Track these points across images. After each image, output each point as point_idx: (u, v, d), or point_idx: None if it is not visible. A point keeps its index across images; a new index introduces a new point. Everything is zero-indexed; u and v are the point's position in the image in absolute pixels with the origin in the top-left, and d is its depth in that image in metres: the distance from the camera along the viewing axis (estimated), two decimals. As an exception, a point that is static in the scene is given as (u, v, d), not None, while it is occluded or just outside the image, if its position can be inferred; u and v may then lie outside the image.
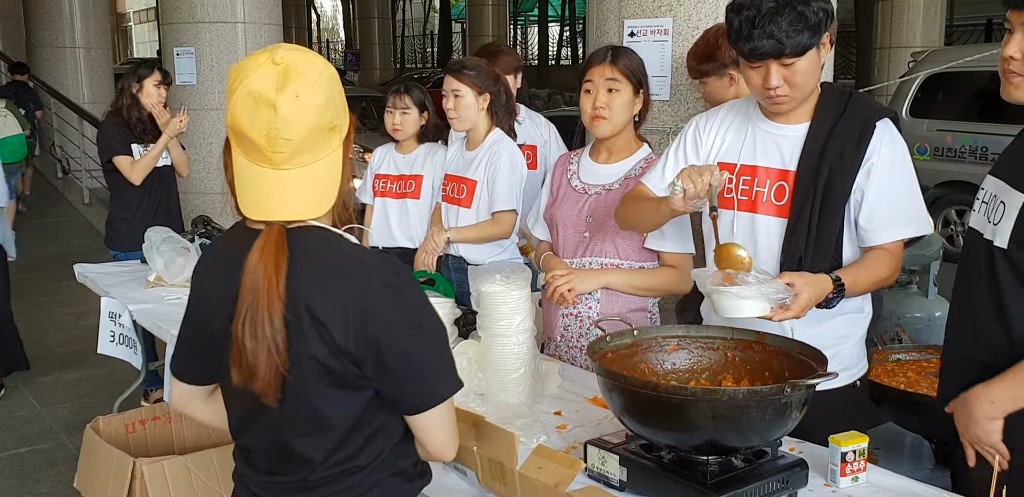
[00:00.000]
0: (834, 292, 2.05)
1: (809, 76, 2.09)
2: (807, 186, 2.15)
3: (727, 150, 2.30)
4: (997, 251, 1.84)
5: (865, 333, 2.33)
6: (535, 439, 2.06)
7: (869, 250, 2.17)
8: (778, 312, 1.96)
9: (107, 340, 3.71)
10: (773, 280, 1.97)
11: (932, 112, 8.35)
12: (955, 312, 2.02)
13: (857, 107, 2.18)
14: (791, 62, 2.05)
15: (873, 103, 2.27)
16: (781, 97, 2.12)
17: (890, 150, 2.15)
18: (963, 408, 1.89)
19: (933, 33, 13.06)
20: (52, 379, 5.20)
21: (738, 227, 2.27)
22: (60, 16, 10.78)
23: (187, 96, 6.81)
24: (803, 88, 2.11)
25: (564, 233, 2.74)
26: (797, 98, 2.13)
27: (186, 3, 6.99)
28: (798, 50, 2.02)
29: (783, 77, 2.08)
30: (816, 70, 2.10)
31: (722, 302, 1.98)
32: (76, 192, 9.94)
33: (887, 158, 2.14)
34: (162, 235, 3.77)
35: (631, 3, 3.47)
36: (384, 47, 26.40)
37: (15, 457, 4.17)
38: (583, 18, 26.45)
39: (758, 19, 2.01)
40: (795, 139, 2.20)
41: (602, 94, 2.59)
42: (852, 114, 2.16)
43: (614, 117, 2.60)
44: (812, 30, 2.01)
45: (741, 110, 2.32)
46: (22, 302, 6.70)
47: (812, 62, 2.07)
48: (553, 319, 2.79)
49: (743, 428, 1.71)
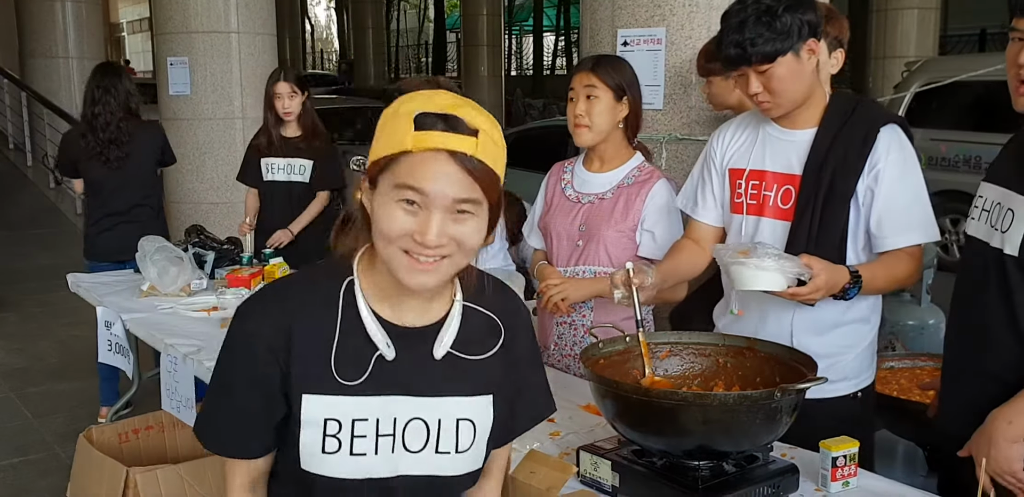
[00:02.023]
0: (851, 282, 2.07)
1: (788, 83, 2.12)
2: (810, 190, 2.18)
3: (738, 156, 2.35)
4: (1008, 259, 1.81)
5: (871, 344, 2.33)
6: (528, 445, 2.06)
7: (884, 254, 2.19)
8: (793, 289, 1.98)
9: (106, 349, 3.70)
10: (794, 258, 2.00)
11: (926, 122, 8.38)
12: (957, 322, 2.00)
13: (864, 112, 2.20)
14: (765, 69, 2.10)
15: (882, 109, 2.30)
16: (764, 103, 2.18)
17: (899, 156, 2.16)
18: (980, 435, 1.81)
19: (927, 43, 13.13)
20: (45, 389, 5.19)
21: (745, 231, 2.31)
22: (53, 26, 10.78)
23: (180, 106, 6.82)
24: (784, 94, 2.14)
25: (558, 242, 2.75)
26: (781, 104, 2.17)
27: (179, 13, 7.00)
28: (763, 58, 2.08)
29: (761, 84, 2.13)
30: (797, 77, 2.13)
31: (741, 273, 2.00)
32: (69, 203, 9.92)
33: (896, 164, 2.15)
34: (155, 244, 3.77)
35: (624, 13, 3.49)
36: (378, 57, 26.46)
37: (8, 468, 4.15)
38: (578, 28, 26.62)
39: (729, 30, 2.10)
40: (803, 144, 2.23)
41: (582, 102, 2.61)
42: (858, 119, 2.18)
43: (595, 124, 2.62)
44: (781, 38, 2.06)
45: (755, 116, 2.36)
46: (15, 313, 6.70)
47: (789, 69, 2.11)
48: (547, 327, 2.80)
49: (734, 433, 1.71)
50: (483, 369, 1.40)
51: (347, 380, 1.32)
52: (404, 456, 1.35)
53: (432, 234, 1.24)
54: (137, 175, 4.72)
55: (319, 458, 1.33)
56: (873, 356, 2.36)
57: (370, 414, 1.33)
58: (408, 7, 36.02)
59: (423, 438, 1.35)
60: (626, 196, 2.66)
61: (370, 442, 1.33)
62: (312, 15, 36.30)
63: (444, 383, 1.37)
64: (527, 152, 7.05)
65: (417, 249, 1.25)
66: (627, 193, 2.66)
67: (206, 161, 6.69)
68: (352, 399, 1.32)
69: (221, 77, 7.05)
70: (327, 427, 1.32)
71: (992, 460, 1.76)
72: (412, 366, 1.35)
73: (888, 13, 13.12)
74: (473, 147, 1.24)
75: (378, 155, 1.27)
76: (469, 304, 1.40)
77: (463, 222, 1.26)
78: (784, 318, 2.26)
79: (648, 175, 2.69)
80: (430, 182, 1.23)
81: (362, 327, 1.33)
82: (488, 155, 1.26)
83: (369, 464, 1.33)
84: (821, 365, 1.88)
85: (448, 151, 1.23)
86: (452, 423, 1.37)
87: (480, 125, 1.25)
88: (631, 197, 2.65)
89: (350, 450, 1.32)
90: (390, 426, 1.34)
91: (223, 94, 7.09)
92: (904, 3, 13.03)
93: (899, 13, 13.01)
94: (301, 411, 1.32)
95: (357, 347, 1.33)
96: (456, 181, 1.24)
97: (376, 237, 1.29)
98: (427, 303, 1.37)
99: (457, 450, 1.37)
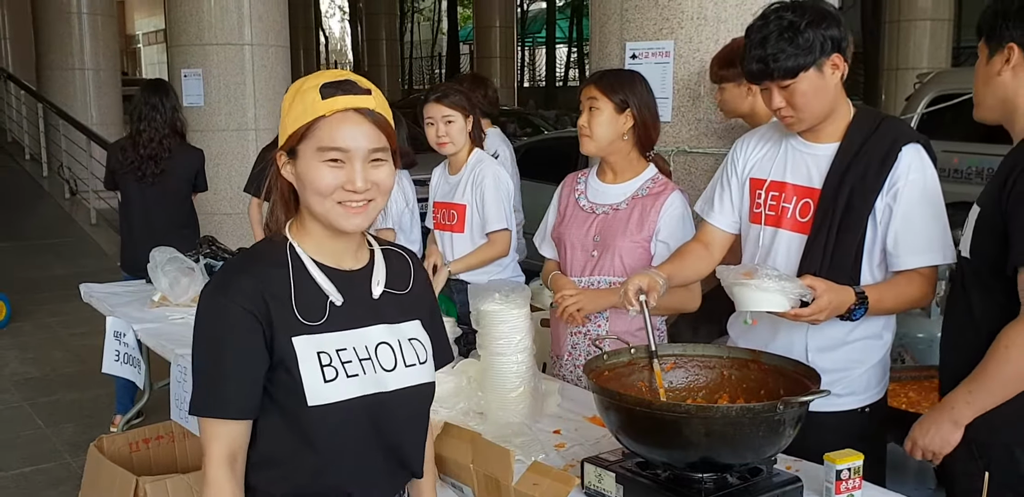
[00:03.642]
0: (856, 303, 2.08)
1: (811, 98, 2.13)
2: (828, 204, 2.19)
3: (760, 166, 2.36)
4: (963, 260, 2.02)
5: (882, 361, 2.33)
6: (533, 457, 2.07)
7: (898, 274, 2.20)
8: (796, 310, 2.00)
9: (112, 359, 3.73)
10: (795, 279, 2.01)
11: (939, 133, 8.36)
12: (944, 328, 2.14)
13: (887, 129, 2.20)
14: (787, 84, 2.11)
15: (906, 127, 2.29)
16: (787, 118, 2.19)
17: (920, 176, 2.16)
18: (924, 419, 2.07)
19: (940, 55, 13.11)
20: (57, 399, 5.22)
21: (762, 241, 2.32)
22: (70, 38, 10.87)
23: (194, 117, 6.86)
24: (806, 109, 2.15)
25: (572, 252, 2.77)
26: (804, 119, 2.18)
27: (194, 25, 7.06)
28: (785, 73, 2.09)
29: (784, 98, 2.14)
30: (820, 92, 2.14)
31: (743, 294, 2.01)
32: (84, 213, 9.98)
33: (916, 184, 2.16)
34: (167, 255, 3.80)
35: (632, 26, 3.51)
36: (392, 68, 26.53)
37: (20, 476, 4.17)
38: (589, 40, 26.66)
39: (751, 45, 2.11)
40: (824, 158, 2.23)
41: (585, 114, 2.66)
42: (881, 136, 2.18)
43: (595, 135, 2.65)
44: (804, 53, 2.07)
45: (779, 128, 2.36)
46: (28, 322, 6.74)
47: (812, 84, 2.11)
48: (561, 337, 2.81)
49: (737, 445, 1.72)
50: (408, 299, 1.67)
51: (312, 321, 1.53)
52: (384, 375, 1.57)
53: (359, 181, 1.49)
54: (170, 193, 4.77)
55: (324, 388, 1.51)
56: (884, 372, 2.35)
57: (347, 344, 1.55)
58: (422, 19, 36.13)
59: (392, 357, 1.59)
60: (641, 207, 2.67)
61: (356, 366, 1.55)
62: (326, 27, 36.45)
63: (387, 314, 1.62)
64: (539, 163, 7.05)
65: (348, 197, 1.50)
66: (642, 204, 2.67)
67: (219, 172, 6.73)
68: (327, 335, 1.54)
69: (235, 89, 7.10)
70: (321, 359, 1.52)
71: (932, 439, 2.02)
72: (359, 305, 1.60)
73: (901, 24, 13.11)
74: (372, 103, 1.51)
75: (296, 126, 1.50)
76: (384, 246, 1.68)
77: (378, 168, 1.52)
78: (797, 331, 2.26)
79: (663, 186, 2.70)
80: (348, 140, 1.49)
81: (312, 278, 1.56)
82: (383, 109, 1.53)
83: (363, 383, 1.54)
84: (829, 379, 1.89)
85: (355, 109, 1.49)
86: (407, 342, 1.63)
87: (370, 86, 1.53)
88: (646, 208, 2.67)
89: (346, 374, 1.53)
90: (365, 351, 1.57)
91: (236, 105, 7.15)
92: (917, 15, 13.03)
93: (911, 24, 13.00)
94: (296, 352, 1.51)
95: (311, 293, 1.55)
96: (367, 134, 1.50)
97: (309, 197, 1.52)
98: (357, 248, 1.63)
99: (420, 362, 1.63)
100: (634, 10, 3.49)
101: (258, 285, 1.51)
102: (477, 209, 3.42)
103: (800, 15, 2.08)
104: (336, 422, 1.52)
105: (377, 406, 1.56)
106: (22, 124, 11.97)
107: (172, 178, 4.73)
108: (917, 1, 13.00)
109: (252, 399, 1.52)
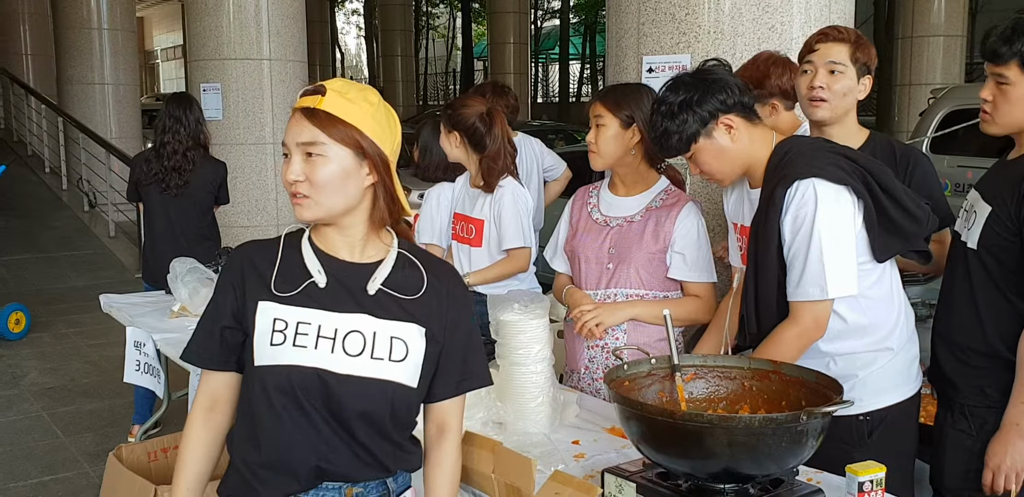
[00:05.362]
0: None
1: (713, 161, 2.29)
2: (751, 241, 2.30)
3: (734, 210, 2.51)
4: (970, 251, 2.24)
5: (885, 370, 2.31)
6: (552, 467, 2.07)
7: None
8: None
9: (133, 369, 3.75)
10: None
11: (952, 148, 8.36)
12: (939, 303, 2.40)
13: (782, 167, 2.22)
14: (688, 155, 2.30)
15: (808, 161, 2.20)
16: (710, 180, 2.38)
17: (800, 212, 2.14)
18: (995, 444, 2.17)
19: (953, 70, 13.11)
20: (75, 409, 5.25)
21: (739, 279, 2.46)
22: (90, 54, 11.00)
23: (212, 131, 6.91)
24: (715, 171, 2.31)
25: (586, 266, 2.77)
26: (720, 179, 2.35)
27: (213, 40, 7.13)
28: (678, 150, 2.30)
29: (694, 165, 2.34)
30: (720, 154, 2.27)
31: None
32: (102, 225, 10.05)
33: (791, 221, 2.16)
34: (187, 266, 3.82)
35: (649, 40, 3.53)
36: (407, 84, 26.67)
37: (39, 486, 4.19)
38: (603, 56, 26.80)
39: (652, 127, 2.34)
40: (756, 200, 2.33)
41: (592, 130, 2.69)
42: (779, 173, 2.21)
43: (601, 150, 2.69)
44: (683, 131, 2.24)
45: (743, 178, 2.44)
46: (47, 333, 6.79)
47: (706, 151, 2.27)
48: (577, 351, 2.80)
49: (759, 456, 1.72)
50: (414, 306, 1.71)
51: (282, 293, 1.66)
52: (341, 357, 1.64)
53: (289, 173, 1.61)
54: (193, 205, 4.81)
55: (269, 351, 1.64)
56: (895, 382, 2.33)
57: (313, 321, 1.65)
58: (436, 36, 36.30)
59: (360, 345, 1.65)
60: (656, 218, 2.68)
61: (311, 339, 1.64)
62: (342, 43, 36.70)
63: (376, 308, 1.68)
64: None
65: (288, 189, 1.63)
66: (656, 215, 2.68)
67: (237, 185, 6.78)
68: (294, 308, 1.65)
69: (253, 103, 7.17)
70: (275, 325, 1.65)
71: (1011, 458, 2.11)
72: (347, 293, 1.68)
73: (914, 40, 13.12)
74: (317, 102, 1.60)
75: None
76: (404, 253, 1.74)
77: (313, 162, 1.60)
78: None
79: (676, 198, 2.71)
80: (288, 136, 1.63)
81: (301, 257, 1.69)
82: (335, 107, 1.60)
83: (307, 355, 1.62)
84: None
85: (299, 108, 1.62)
86: (386, 338, 1.67)
87: (334, 87, 1.62)
88: (661, 219, 2.68)
89: (293, 343, 1.63)
90: (331, 333, 1.65)
91: (255, 120, 7.20)
92: (930, 31, 13.05)
93: (924, 40, 13.01)
94: (256, 316, 1.66)
95: (295, 270, 1.68)
96: (301, 129, 1.60)
97: None
98: (360, 244, 1.71)
99: (391, 358, 1.66)
100: (651, 24, 3.51)
101: (244, 258, 1.71)
102: (495, 225, 3.43)
103: (676, 94, 2.23)
104: (274, 386, 1.62)
105: (322, 384, 1.63)
106: (42, 137, 12.08)
107: (195, 190, 4.77)
108: (930, 17, 13.02)
109: (208, 349, 1.72)
